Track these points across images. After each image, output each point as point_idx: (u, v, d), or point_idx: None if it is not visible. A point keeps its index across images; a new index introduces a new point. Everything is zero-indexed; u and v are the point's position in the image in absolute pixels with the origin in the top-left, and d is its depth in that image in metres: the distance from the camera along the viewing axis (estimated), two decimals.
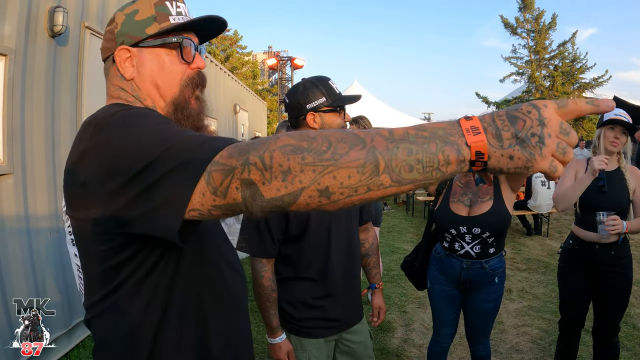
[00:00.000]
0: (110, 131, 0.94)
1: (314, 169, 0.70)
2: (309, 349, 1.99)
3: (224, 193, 0.76)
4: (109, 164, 0.89)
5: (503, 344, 3.99)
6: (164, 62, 1.13)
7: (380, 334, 4.17)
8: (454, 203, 2.68)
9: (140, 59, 1.11)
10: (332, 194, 0.71)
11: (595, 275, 2.85)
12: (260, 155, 0.72)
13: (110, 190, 0.88)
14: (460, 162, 0.70)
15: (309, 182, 0.70)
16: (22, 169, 3.27)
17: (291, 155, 0.71)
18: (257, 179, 0.72)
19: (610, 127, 2.79)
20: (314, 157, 0.70)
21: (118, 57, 1.10)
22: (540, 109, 0.69)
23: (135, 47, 1.11)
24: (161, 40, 1.11)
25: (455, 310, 2.80)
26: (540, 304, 4.94)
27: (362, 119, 4.58)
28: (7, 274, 3.06)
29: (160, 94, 1.13)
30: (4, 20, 3.09)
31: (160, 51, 1.12)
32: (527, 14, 25.32)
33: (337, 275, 2.00)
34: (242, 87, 12.36)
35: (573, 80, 24.24)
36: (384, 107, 20.33)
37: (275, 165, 0.71)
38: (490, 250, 2.60)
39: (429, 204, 4.78)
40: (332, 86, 1.94)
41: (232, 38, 27.94)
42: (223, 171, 0.75)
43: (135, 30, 1.10)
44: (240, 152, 0.75)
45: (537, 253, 7.29)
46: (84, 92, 3.97)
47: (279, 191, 0.72)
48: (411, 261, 3.02)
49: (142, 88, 1.12)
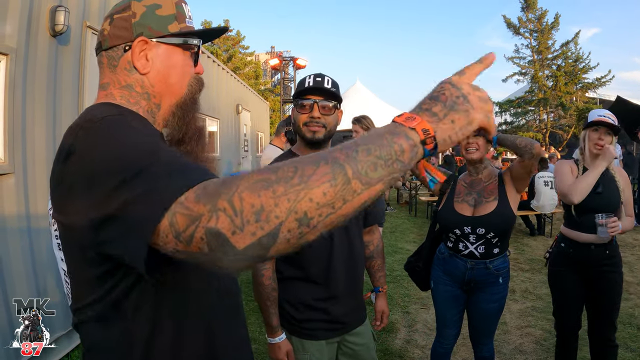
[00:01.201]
0: (95, 139, 0.91)
1: (287, 199, 0.66)
2: (310, 350, 1.96)
3: (188, 240, 0.70)
4: (89, 173, 0.85)
5: (506, 345, 3.97)
6: (178, 61, 1.13)
7: (383, 335, 4.15)
8: (459, 203, 2.66)
9: (156, 54, 1.09)
10: (311, 219, 0.67)
11: (590, 277, 2.86)
12: (229, 198, 0.67)
13: (87, 202, 0.84)
14: (413, 147, 0.73)
15: (285, 214, 0.66)
16: (23, 168, 3.26)
17: (262, 191, 0.66)
18: (225, 228, 0.66)
19: (594, 128, 2.80)
20: (285, 185, 0.67)
21: (137, 48, 1.07)
22: (450, 81, 0.80)
23: (153, 41, 1.09)
24: (182, 40, 1.12)
25: (459, 311, 2.78)
26: (543, 305, 4.90)
27: (365, 119, 4.57)
28: (8, 274, 3.06)
29: (169, 92, 1.13)
30: (5, 20, 3.09)
31: (176, 50, 1.12)
32: (529, 13, 25.29)
33: (339, 277, 1.98)
34: (245, 87, 12.36)
35: (576, 80, 24.16)
36: (385, 107, 20.35)
37: (247, 207, 0.66)
38: (494, 251, 2.58)
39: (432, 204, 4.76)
40: (305, 81, 1.94)
41: (234, 38, 27.97)
42: (188, 217, 0.69)
43: (158, 25, 1.09)
44: (209, 196, 0.69)
45: (541, 253, 7.25)
46: (85, 91, 3.96)
47: (255, 235, 0.66)
48: (414, 262, 3.00)
49: (154, 85, 1.11)
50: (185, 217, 0.70)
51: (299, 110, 1.92)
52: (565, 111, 23.75)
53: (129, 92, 1.10)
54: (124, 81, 1.10)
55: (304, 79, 1.95)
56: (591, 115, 2.86)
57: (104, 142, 0.89)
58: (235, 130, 10.71)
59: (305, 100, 1.90)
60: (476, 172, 2.69)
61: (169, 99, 1.13)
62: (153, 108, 1.12)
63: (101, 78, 1.14)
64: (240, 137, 11.25)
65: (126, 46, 1.08)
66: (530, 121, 26.12)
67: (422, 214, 11.09)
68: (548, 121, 25.36)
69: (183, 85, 1.15)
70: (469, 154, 2.62)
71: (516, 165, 2.56)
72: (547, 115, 25.46)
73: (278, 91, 26.60)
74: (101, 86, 1.13)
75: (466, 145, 2.62)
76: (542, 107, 25.23)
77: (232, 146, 10.30)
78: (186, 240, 0.70)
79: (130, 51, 1.08)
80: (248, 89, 12.94)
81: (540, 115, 25.85)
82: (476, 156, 2.61)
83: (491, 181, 2.65)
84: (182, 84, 1.14)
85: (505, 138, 2.58)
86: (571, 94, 24.11)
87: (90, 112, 1.01)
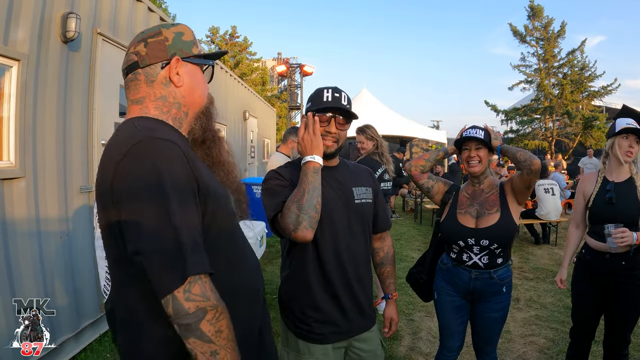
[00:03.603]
0: (141, 164, 1.13)
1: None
2: (316, 354, 1.97)
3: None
4: (127, 195, 1.12)
5: (510, 354, 3.97)
6: (200, 77, 1.42)
7: (387, 342, 4.16)
8: (462, 215, 2.66)
9: (184, 71, 1.36)
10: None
11: (607, 285, 2.81)
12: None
13: (119, 217, 1.14)
14: None
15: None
16: (34, 172, 3.31)
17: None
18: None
19: (624, 136, 2.75)
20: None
21: (175, 66, 1.33)
22: None
23: (183, 61, 1.36)
24: (202, 61, 1.42)
25: (463, 321, 2.77)
26: (548, 314, 4.90)
27: (369, 129, 4.59)
28: (17, 276, 3.09)
29: (195, 102, 1.40)
30: (17, 26, 3.15)
31: (197, 68, 1.41)
32: (536, 22, 25.27)
33: (346, 282, 1.99)
34: (252, 94, 12.40)
35: (582, 89, 24.08)
36: (392, 115, 20.34)
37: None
38: (498, 261, 2.59)
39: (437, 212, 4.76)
40: (323, 94, 1.97)
41: (241, 44, 28.09)
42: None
43: (185, 47, 1.37)
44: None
45: (546, 262, 7.24)
46: (95, 97, 4.02)
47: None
48: (417, 273, 2.97)
49: (186, 96, 1.37)
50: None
51: (320, 122, 1.94)
52: (571, 119, 23.68)
53: (163, 102, 1.34)
54: (159, 93, 1.33)
55: (321, 92, 1.99)
56: (619, 124, 2.78)
57: (146, 176, 1.14)
58: (242, 137, 10.75)
59: (323, 114, 1.95)
60: (478, 182, 2.70)
61: (195, 108, 1.41)
62: (182, 115, 1.38)
63: (135, 93, 1.35)
64: (247, 143, 11.29)
65: (163, 63, 1.33)
66: (536, 129, 26.06)
67: (427, 222, 11.08)
68: (554, 129, 25.29)
69: (204, 97, 1.44)
70: (471, 167, 2.62)
71: (516, 179, 2.57)
72: (552, 123, 25.40)
73: (285, 98, 26.64)
74: (135, 101, 1.35)
75: (467, 158, 2.62)
76: (548, 115, 25.18)
77: (239, 152, 10.33)
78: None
79: (168, 68, 1.33)
80: (255, 95, 12.99)
81: (546, 124, 25.79)
82: (478, 169, 2.61)
83: (492, 192, 2.66)
84: (203, 95, 1.43)
85: (508, 149, 2.59)
86: (577, 102, 24.05)
87: (141, 126, 1.24)
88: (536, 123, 26.19)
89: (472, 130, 2.60)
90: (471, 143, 2.61)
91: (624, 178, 2.80)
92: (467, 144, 2.62)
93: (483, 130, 2.61)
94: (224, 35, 27.86)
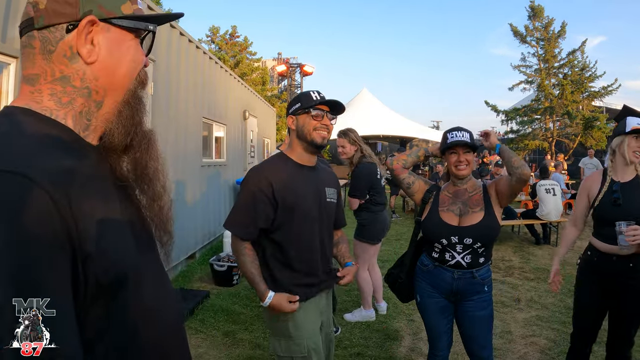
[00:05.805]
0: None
1: None
2: (305, 307, 2.25)
3: None
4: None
5: (511, 354, 3.96)
6: (130, 49, 0.93)
7: (388, 342, 4.15)
8: (444, 212, 2.66)
9: (104, 39, 0.89)
10: None
11: (613, 288, 2.77)
12: None
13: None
14: None
15: None
16: None
17: None
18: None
19: (635, 136, 2.72)
20: None
21: (85, 30, 0.85)
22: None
23: (103, 23, 0.88)
24: (134, 24, 0.93)
25: (449, 321, 2.76)
26: (549, 314, 4.89)
27: (352, 132, 4.58)
28: None
29: (116, 87, 0.92)
30: (15, 23, 3.13)
31: (128, 36, 0.93)
32: (536, 22, 25.24)
33: (326, 260, 2.37)
34: (252, 94, 12.38)
35: (582, 89, 24.07)
36: (392, 115, 20.34)
37: None
38: (480, 260, 2.60)
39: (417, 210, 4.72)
40: (311, 95, 2.25)
41: (242, 44, 28.04)
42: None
43: (110, 3, 0.89)
44: None
45: (546, 262, 7.23)
46: None
47: None
48: (397, 273, 2.95)
49: (99, 77, 0.89)
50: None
51: (314, 117, 2.21)
52: (572, 120, 23.66)
53: (64, 87, 0.87)
54: (59, 72, 0.87)
55: (308, 94, 2.27)
56: (629, 123, 2.74)
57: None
58: (242, 136, 10.73)
59: (318, 110, 2.22)
60: (462, 182, 2.70)
61: (115, 95, 0.92)
62: (92, 107, 0.90)
63: (27, 67, 0.88)
64: (247, 143, 11.27)
65: (70, 26, 0.85)
66: (537, 129, 26.04)
67: None
68: (554, 130, 25.28)
69: (132, 78, 0.95)
70: (460, 170, 2.63)
71: (503, 183, 2.60)
72: (553, 123, 25.40)
73: (285, 97, 26.63)
74: (27, 79, 0.88)
75: (456, 162, 2.63)
76: (548, 116, 25.16)
77: (239, 152, 10.32)
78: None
79: (75, 33, 0.85)
80: (255, 95, 12.97)
81: (546, 124, 25.77)
82: (467, 172, 2.64)
83: (476, 192, 2.67)
84: (131, 75, 0.94)
85: (506, 151, 2.60)
86: (577, 102, 24.03)
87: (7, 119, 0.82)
88: (536, 123, 26.17)
89: (458, 134, 2.62)
90: (459, 147, 2.62)
91: (629, 178, 2.77)
92: (454, 148, 2.63)
93: (468, 132, 2.64)
94: (224, 35, 27.79)
